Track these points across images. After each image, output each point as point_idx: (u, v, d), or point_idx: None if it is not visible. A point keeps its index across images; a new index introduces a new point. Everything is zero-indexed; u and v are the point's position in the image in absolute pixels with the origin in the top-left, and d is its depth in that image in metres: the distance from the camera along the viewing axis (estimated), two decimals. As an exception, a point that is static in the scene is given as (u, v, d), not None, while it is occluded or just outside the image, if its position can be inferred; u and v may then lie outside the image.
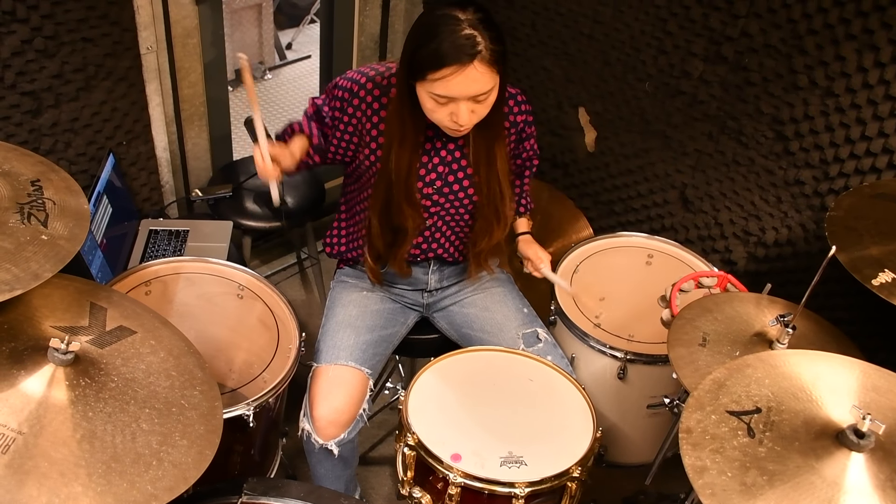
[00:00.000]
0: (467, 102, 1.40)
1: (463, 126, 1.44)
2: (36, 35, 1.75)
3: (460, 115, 1.41)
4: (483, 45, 1.35)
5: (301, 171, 1.68)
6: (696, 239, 2.22)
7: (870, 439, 1.00)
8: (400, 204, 1.58)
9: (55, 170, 1.27)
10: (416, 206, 1.61)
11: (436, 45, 1.35)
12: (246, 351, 1.69)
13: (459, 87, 1.37)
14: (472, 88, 1.38)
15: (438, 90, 1.38)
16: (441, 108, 1.42)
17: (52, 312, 1.17)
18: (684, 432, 1.05)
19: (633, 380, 1.76)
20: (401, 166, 1.55)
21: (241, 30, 3.83)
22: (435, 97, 1.40)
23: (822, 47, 1.77)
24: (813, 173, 1.89)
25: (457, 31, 1.34)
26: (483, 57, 1.35)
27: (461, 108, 1.41)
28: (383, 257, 1.70)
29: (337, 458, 1.65)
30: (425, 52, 1.36)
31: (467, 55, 1.34)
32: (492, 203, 1.64)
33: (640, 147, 2.25)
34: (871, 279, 1.34)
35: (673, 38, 2.05)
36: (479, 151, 1.59)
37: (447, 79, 1.36)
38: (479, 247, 1.71)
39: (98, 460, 0.99)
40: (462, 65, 1.34)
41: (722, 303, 1.52)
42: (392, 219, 1.61)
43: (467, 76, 1.36)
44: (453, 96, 1.39)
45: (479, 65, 1.35)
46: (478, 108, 1.43)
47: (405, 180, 1.56)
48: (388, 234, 1.65)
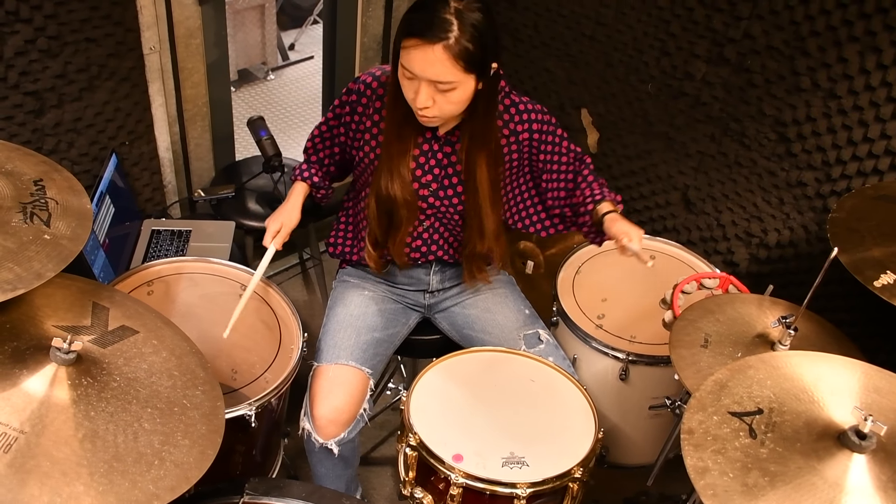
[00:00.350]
0: (428, 86, 1.40)
1: (420, 109, 1.44)
2: (39, 35, 1.75)
3: (419, 95, 1.41)
4: (454, 36, 1.35)
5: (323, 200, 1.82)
6: (699, 240, 2.22)
7: (871, 440, 1.00)
8: (394, 186, 1.59)
9: (58, 169, 1.28)
10: (410, 192, 1.61)
11: (414, 15, 1.38)
12: (248, 351, 1.69)
13: (418, 62, 1.37)
14: (429, 71, 1.38)
15: (404, 60, 1.40)
16: (408, 83, 1.43)
17: (55, 312, 1.17)
18: (686, 433, 1.05)
19: (634, 381, 1.76)
20: (394, 149, 1.56)
21: (244, 30, 3.84)
22: (402, 68, 1.42)
23: (825, 49, 1.77)
24: (815, 175, 1.89)
25: (438, 10, 1.35)
26: (448, 46, 1.35)
27: (421, 89, 1.41)
28: (381, 243, 1.70)
29: (337, 457, 1.65)
30: (406, 19, 1.39)
31: (433, 35, 1.34)
32: (475, 213, 1.63)
33: (643, 148, 2.25)
34: (873, 280, 1.34)
35: (676, 40, 2.05)
36: (466, 160, 1.59)
37: (409, 49, 1.37)
38: (467, 251, 1.70)
39: (100, 460, 0.99)
40: (424, 41, 1.35)
41: (724, 304, 1.52)
42: (386, 202, 1.62)
43: (426, 55, 1.36)
44: (413, 71, 1.39)
45: (440, 51, 1.35)
46: (440, 99, 1.42)
47: (398, 164, 1.57)
48: (384, 218, 1.65)
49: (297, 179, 1.76)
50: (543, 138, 1.67)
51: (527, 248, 2.35)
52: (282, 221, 1.70)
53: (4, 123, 1.80)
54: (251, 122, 2.21)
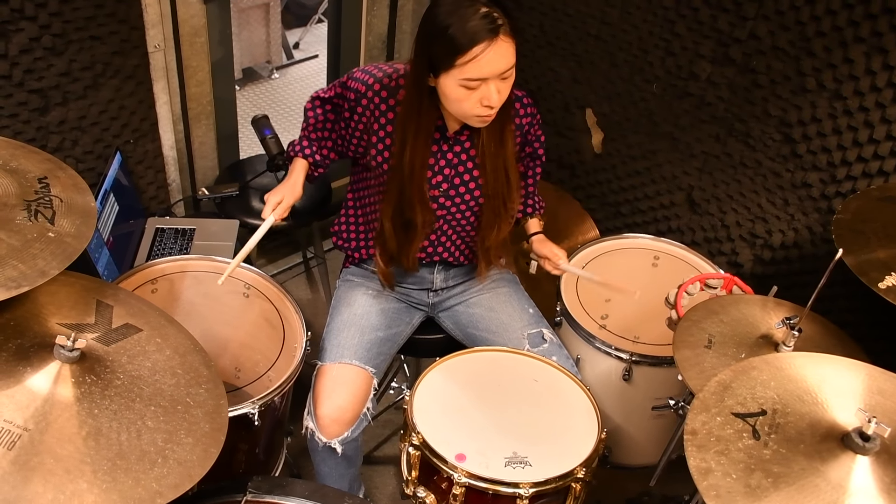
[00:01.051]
0: (496, 81, 1.41)
1: (494, 108, 1.45)
2: (44, 33, 1.75)
3: (491, 96, 1.42)
4: (502, 18, 1.37)
5: (318, 178, 1.77)
6: (703, 241, 2.21)
7: (875, 442, 0.99)
8: (412, 200, 1.59)
9: (62, 167, 1.28)
10: (426, 202, 1.61)
11: (458, 28, 1.36)
12: (251, 349, 1.69)
13: (491, 64, 1.38)
14: (502, 63, 1.39)
15: (470, 73, 1.38)
16: (470, 94, 1.42)
17: (59, 310, 1.17)
18: (689, 434, 1.05)
19: (638, 381, 1.76)
20: (415, 164, 1.56)
21: (249, 29, 3.84)
22: (466, 83, 1.40)
23: (831, 50, 1.76)
24: (820, 176, 1.88)
25: (474, 10, 1.36)
26: (505, 29, 1.37)
27: (491, 89, 1.41)
28: (396, 259, 1.70)
29: (340, 456, 1.65)
30: (447, 39, 1.37)
31: (491, 30, 1.35)
32: (498, 194, 1.64)
33: (648, 149, 2.24)
34: (878, 282, 1.34)
35: (681, 40, 2.04)
36: (488, 141, 1.58)
37: (478, 58, 1.37)
38: (488, 242, 1.70)
39: (103, 457, 1.00)
40: (490, 41, 1.35)
41: (728, 305, 1.52)
42: (404, 215, 1.62)
43: (496, 51, 1.37)
44: (485, 76, 1.39)
45: (504, 37, 1.37)
46: (502, 86, 1.44)
47: (418, 179, 1.57)
48: (400, 234, 1.65)
49: (298, 156, 1.72)
50: (534, 133, 1.72)
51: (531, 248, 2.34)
52: (283, 195, 1.66)
53: (9, 121, 1.81)
54: (255, 120, 2.21)
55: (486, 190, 1.64)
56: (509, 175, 1.63)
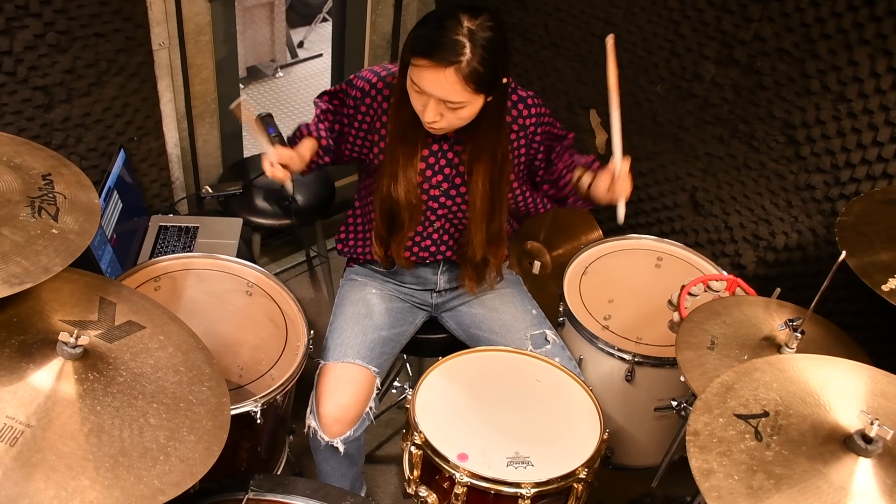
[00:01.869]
0: (437, 103, 1.40)
1: (428, 122, 1.44)
2: (49, 30, 1.76)
3: (426, 110, 1.41)
4: (465, 60, 1.33)
5: (313, 170, 1.70)
6: (706, 242, 2.21)
7: (877, 445, 0.99)
8: (398, 189, 1.58)
9: (66, 164, 1.28)
10: (414, 195, 1.60)
11: (425, 33, 1.36)
12: (254, 348, 1.69)
13: (428, 82, 1.37)
14: (440, 91, 1.37)
15: (413, 76, 1.39)
16: (416, 96, 1.43)
17: (62, 306, 1.18)
18: (691, 435, 1.05)
19: (640, 382, 1.76)
20: (398, 152, 1.56)
21: (253, 27, 3.85)
22: (411, 82, 1.41)
23: (835, 52, 1.76)
24: (824, 178, 1.88)
25: (450, 31, 1.33)
26: (460, 69, 1.33)
27: (429, 105, 1.41)
28: (385, 241, 1.70)
29: (343, 455, 1.65)
30: (415, 35, 1.38)
31: (444, 59, 1.33)
32: (472, 219, 1.62)
33: (651, 150, 2.24)
34: (881, 285, 1.33)
35: (685, 41, 2.04)
36: (469, 167, 1.58)
37: (420, 69, 1.36)
38: (469, 254, 1.68)
39: (105, 454, 1.00)
40: (436, 64, 1.34)
41: (731, 306, 1.51)
42: (388, 202, 1.61)
43: (436, 77, 1.35)
44: (422, 89, 1.39)
45: (451, 74, 1.34)
46: (448, 114, 1.42)
47: (404, 167, 1.57)
48: (386, 218, 1.65)
49: (310, 135, 1.65)
50: (548, 131, 1.68)
51: (534, 248, 2.35)
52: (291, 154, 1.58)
53: (13, 118, 1.81)
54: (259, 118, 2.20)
55: (469, 206, 1.61)
56: (486, 198, 1.59)
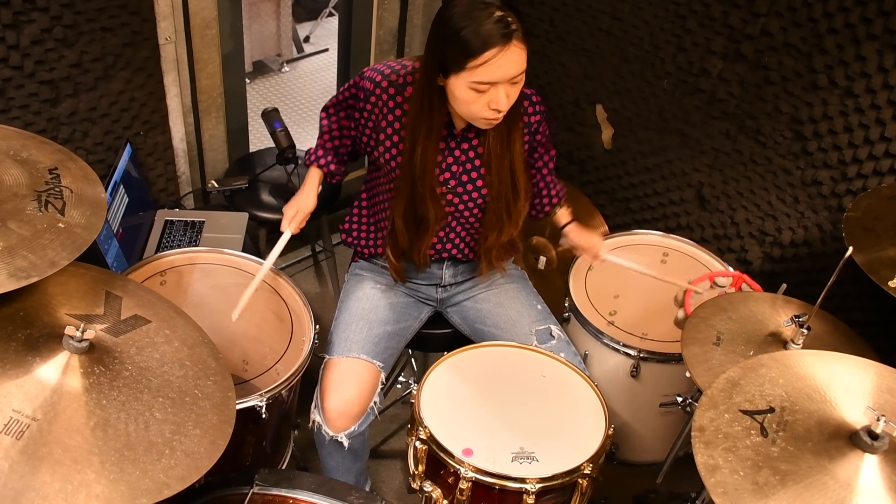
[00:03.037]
0: (505, 86, 1.41)
1: (502, 112, 1.44)
2: (55, 24, 1.76)
3: (500, 100, 1.41)
4: (516, 24, 1.36)
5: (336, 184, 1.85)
6: (712, 238, 2.20)
7: (884, 441, 0.99)
8: (423, 197, 1.59)
9: (73, 158, 1.28)
10: (437, 198, 1.61)
11: (472, 31, 1.35)
12: (259, 342, 1.70)
13: (503, 69, 1.37)
14: (513, 69, 1.39)
15: (481, 76, 1.38)
16: (479, 97, 1.42)
17: (68, 300, 1.18)
18: (697, 430, 1.04)
19: (645, 378, 1.76)
20: (426, 161, 1.56)
21: (259, 22, 3.85)
22: (475, 86, 1.40)
23: (843, 47, 1.75)
24: (831, 174, 1.87)
25: (488, 14, 1.35)
26: (518, 35, 1.37)
27: (500, 94, 1.41)
28: (407, 253, 1.70)
29: (347, 450, 1.65)
30: (460, 41, 1.36)
31: (505, 35, 1.35)
32: (502, 197, 1.63)
33: (658, 145, 2.23)
34: (888, 280, 1.33)
35: (692, 36, 2.03)
36: (494, 142, 1.58)
37: (490, 62, 1.36)
38: (489, 242, 1.70)
39: (111, 448, 1.00)
40: (503, 46, 1.35)
41: (737, 302, 1.51)
42: (416, 212, 1.62)
43: (508, 56, 1.36)
44: (496, 80, 1.39)
45: (517, 43, 1.37)
46: (511, 90, 1.43)
47: (430, 175, 1.58)
48: (411, 230, 1.65)
49: (313, 165, 1.76)
50: (544, 130, 1.71)
51: (539, 244, 2.34)
52: (298, 207, 1.72)
53: (20, 112, 1.82)
54: (265, 113, 2.21)
55: (491, 191, 1.63)
56: (516, 178, 1.61)
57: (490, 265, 1.75)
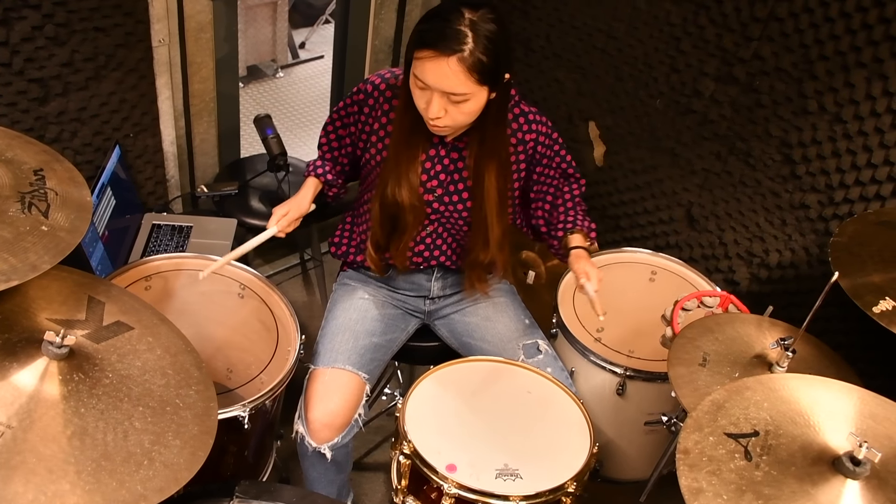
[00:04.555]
0: (441, 97, 1.40)
1: (432, 119, 1.44)
2: (47, 22, 1.74)
3: (431, 105, 1.41)
4: (468, 49, 1.34)
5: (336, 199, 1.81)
6: (700, 258, 2.21)
7: (865, 467, 0.99)
8: (401, 192, 1.58)
9: (59, 160, 1.27)
10: (417, 197, 1.60)
11: (429, 26, 1.37)
12: (244, 351, 1.68)
13: (431, 74, 1.37)
14: (444, 83, 1.37)
15: (416, 71, 1.39)
16: (419, 93, 1.43)
17: (49, 304, 1.16)
18: (681, 453, 1.04)
19: (631, 396, 1.75)
20: (402, 155, 1.56)
21: (255, 27, 3.84)
22: (415, 80, 1.41)
23: (833, 73, 1.76)
24: (818, 198, 1.88)
25: (452, 21, 1.35)
26: (463, 59, 1.34)
27: (433, 100, 1.40)
28: (383, 247, 1.69)
29: (330, 462, 1.64)
30: (419, 29, 1.39)
31: (447, 48, 1.34)
32: (481, 222, 1.63)
33: (649, 164, 2.24)
34: (872, 306, 1.33)
35: (686, 57, 2.04)
36: (475, 168, 1.58)
37: (423, 61, 1.37)
38: (470, 258, 1.69)
39: (88, 458, 0.98)
40: (438, 53, 1.34)
41: (723, 323, 1.51)
42: (391, 207, 1.61)
43: (439, 67, 1.35)
44: (425, 82, 1.39)
45: (454, 63, 1.35)
46: (452, 109, 1.42)
47: (407, 171, 1.57)
48: (387, 224, 1.65)
49: (311, 175, 1.74)
50: (544, 151, 1.69)
51: (529, 258, 2.34)
52: (289, 208, 1.67)
53: (7, 110, 1.79)
54: (258, 119, 2.20)
55: (472, 213, 1.62)
56: (487, 209, 1.60)
57: (472, 284, 1.75)
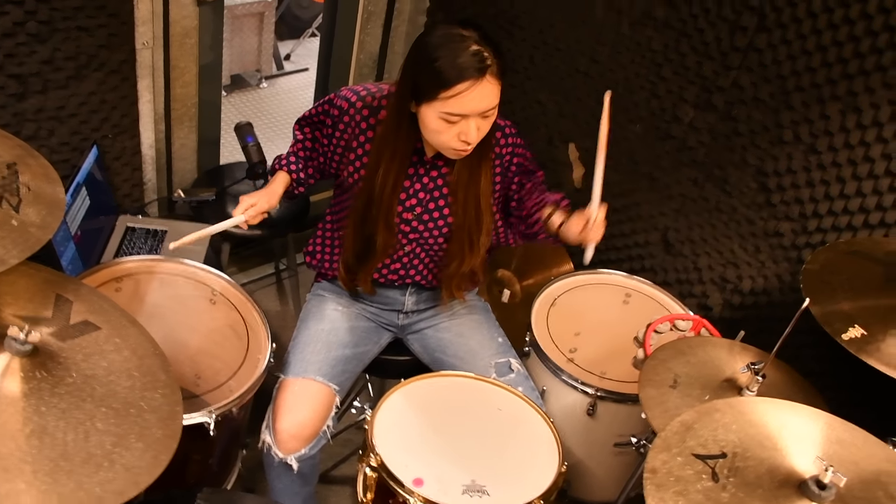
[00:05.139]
0: (476, 119, 1.41)
1: (471, 144, 1.44)
2: (30, 18, 1.72)
3: (469, 132, 1.41)
4: (491, 59, 1.37)
5: (296, 197, 1.77)
6: (675, 282, 2.23)
7: (831, 491, 1.00)
8: (377, 221, 1.58)
9: (34, 155, 1.25)
10: (391, 227, 1.61)
11: (447, 63, 1.35)
12: (214, 357, 1.65)
13: (473, 102, 1.38)
14: (484, 103, 1.39)
15: (452, 108, 1.38)
16: (450, 128, 1.41)
17: (15, 301, 1.14)
18: (649, 472, 1.04)
19: (602, 417, 1.75)
20: (386, 184, 1.55)
21: (241, 36, 3.84)
22: (446, 117, 1.39)
23: (809, 105, 1.81)
24: (792, 226, 1.92)
25: (465, 47, 1.36)
26: (493, 70, 1.37)
27: (471, 126, 1.41)
28: (353, 269, 1.69)
29: (296, 473, 1.61)
30: (434, 71, 1.36)
31: (479, 70, 1.35)
32: (466, 227, 1.63)
33: (626, 187, 2.27)
34: (842, 333, 1.36)
35: (666, 83, 2.08)
36: (462, 172, 1.58)
37: (461, 95, 1.36)
38: (450, 270, 1.69)
39: (46, 457, 0.96)
40: (476, 80, 1.35)
41: (695, 346, 1.52)
42: (366, 233, 1.61)
43: (481, 91, 1.37)
44: (467, 113, 1.39)
45: (490, 78, 1.37)
46: (483, 124, 1.43)
47: (387, 200, 1.57)
48: (359, 245, 1.64)
49: (283, 169, 1.70)
50: (521, 162, 1.69)
51: (504, 277, 2.34)
52: (258, 199, 1.62)
53: (-16, 104, 1.77)
54: (239, 127, 2.19)
55: (456, 220, 1.63)
56: (480, 209, 1.61)
57: (450, 294, 1.74)
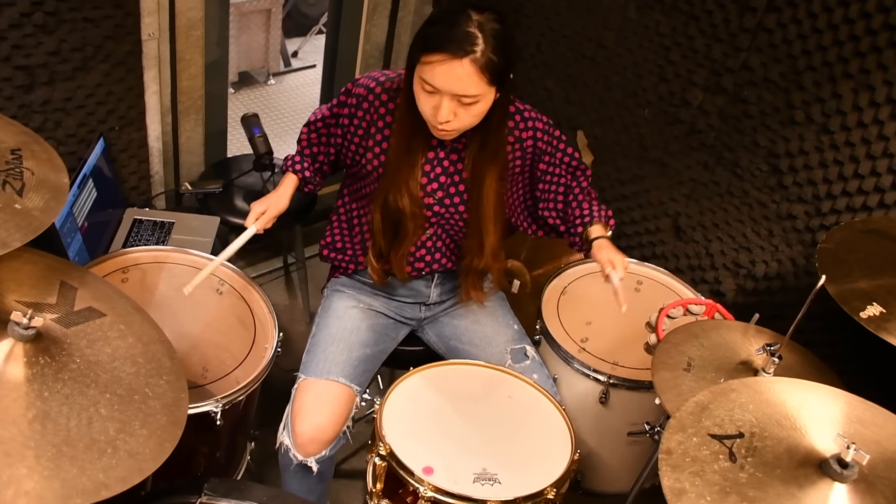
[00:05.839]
0: (451, 100, 1.38)
1: (441, 124, 1.41)
2: (37, 10, 1.72)
3: (441, 109, 1.39)
4: (480, 49, 1.34)
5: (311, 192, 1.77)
6: (686, 268, 2.20)
7: (853, 470, 0.97)
8: (402, 199, 1.55)
9: (39, 142, 1.24)
10: (418, 204, 1.58)
11: (436, 30, 1.36)
12: (220, 347, 1.64)
13: (443, 78, 1.35)
14: (456, 86, 1.36)
15: (425, 75, 1.37)
16: (427, 97, 1.40)
17: (19, 287, 1.13)
18: (664, 453, 1.01)
19: (615, 405, 1.73)
20: (403, 162, 1.53)
21: (248, 33, 3.84)
22: (422, 83, 1.39)
23: (820, 84, 1.77)
24: (805, 208, 1.88)
25: (461, 24, 1.34)
26: (475, 59, 1.34)
27: (443, 104, 1.38)
28: (385, 255, 1.65)
29: (315, 474, 1.58)
30: (425, 33, 1.37)
31: (460, 49, 1.33)
32: (476, 227, 1.60)
33: (636, 173, 2.24)
34: (860, 311, 1.32)
35: (675, 67, 2.05)
36: (473, 171, 1.56)
37: (433, 65, 1.35)
38: (465, 262, 1.67)
39: (48, 443, 0.94)
40: (451, 56, 1.33)
41: (709, 329, 1.49)
42: (393, 215, 1.58)
43: (453, 70, 1.34)
44: (437, 86, 1.37)
45: (468, 64, 1.34)
46: (462, 112, 1.40)
47: (407, 178, 1.54)
48: (389, 232, 1.61)
49: (289, 171, 1.71)
50: (545, 148, 1.65)
51: (514, 267, 2.32)
52: (268, 204, 1.64)
53: (-9, 96, 1.77)
54: (245, 118, 2.18)
55: (470, 215, 1.60)
56: (484, 214, 1.58)
57: (468, 292, 1.72)
